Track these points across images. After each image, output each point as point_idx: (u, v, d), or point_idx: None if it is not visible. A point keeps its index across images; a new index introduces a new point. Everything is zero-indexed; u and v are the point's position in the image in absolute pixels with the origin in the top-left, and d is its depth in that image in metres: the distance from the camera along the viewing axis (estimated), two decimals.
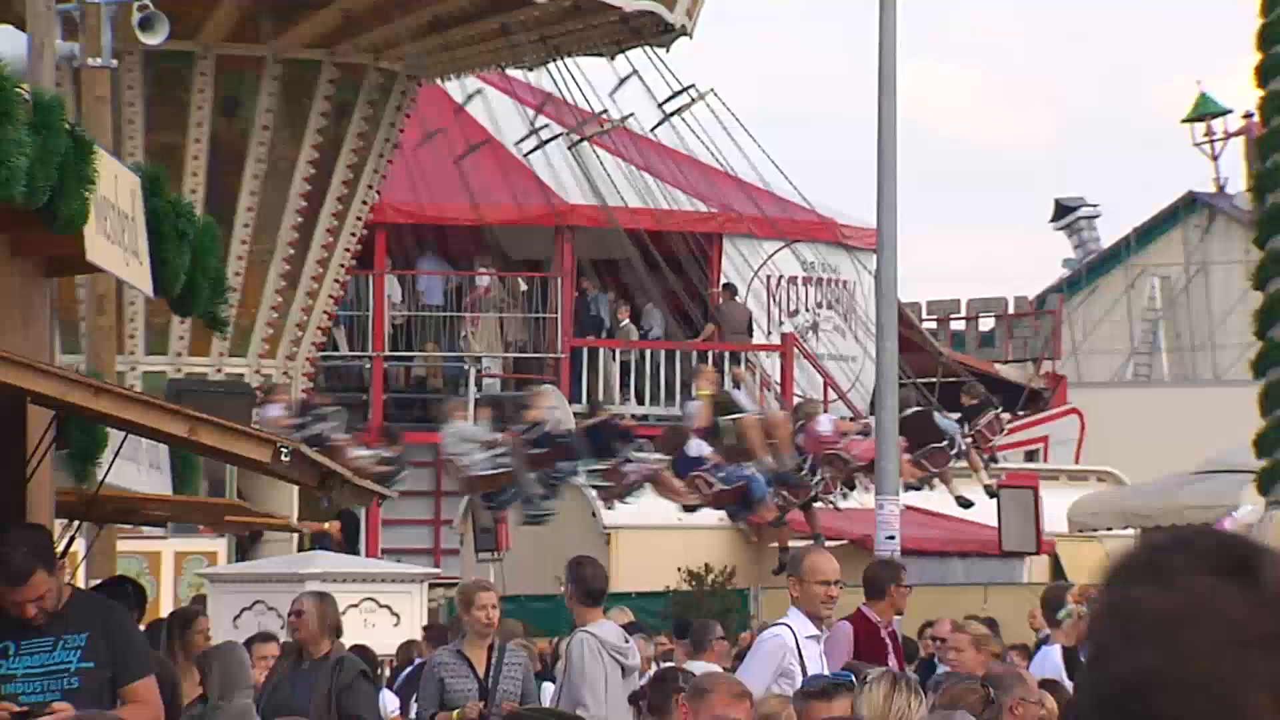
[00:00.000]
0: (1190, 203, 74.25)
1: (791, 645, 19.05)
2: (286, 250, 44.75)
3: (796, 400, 53.65)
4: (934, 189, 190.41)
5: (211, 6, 40.83)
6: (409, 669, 29.90)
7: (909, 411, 42.38)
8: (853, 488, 42.33)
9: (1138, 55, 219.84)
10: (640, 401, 53.92)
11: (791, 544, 38.46)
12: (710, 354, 55.36)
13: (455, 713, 22.38)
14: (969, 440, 45.72)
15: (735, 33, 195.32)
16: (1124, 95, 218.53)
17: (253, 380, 43.59)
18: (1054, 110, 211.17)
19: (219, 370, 43.03)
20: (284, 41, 43.78)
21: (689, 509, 43.01)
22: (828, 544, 30.24)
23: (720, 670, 21.73)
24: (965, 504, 43.90)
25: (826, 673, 16.99)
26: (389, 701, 24.77)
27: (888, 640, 22.07)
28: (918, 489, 42.20)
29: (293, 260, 44.94)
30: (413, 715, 25.10)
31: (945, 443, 44.65)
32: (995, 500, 44.79)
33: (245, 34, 43.14)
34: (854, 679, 15.06)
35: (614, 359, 56.03)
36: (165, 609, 29.54)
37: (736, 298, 57.86)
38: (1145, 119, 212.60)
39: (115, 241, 15.10)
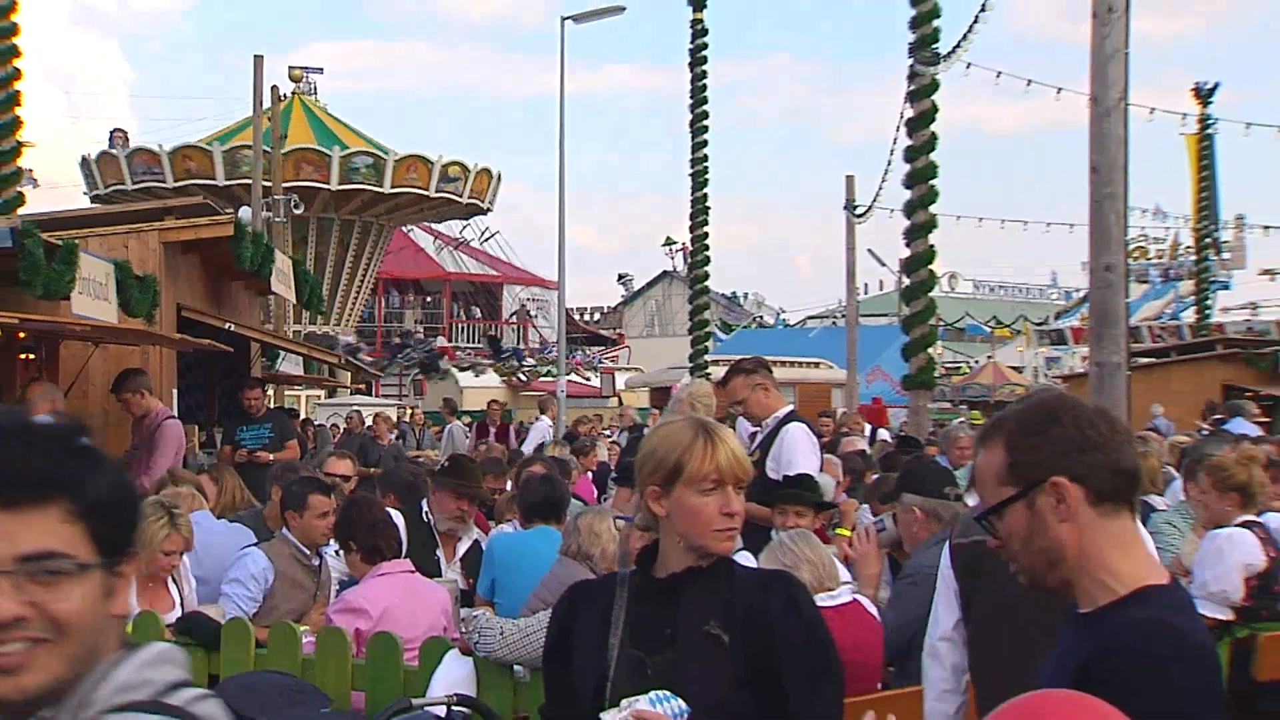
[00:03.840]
0: (665, 274, 73.98)
1: (546, 431, 19.12)
2: (343, 287, 44.19)
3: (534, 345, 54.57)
4: (584, 266, 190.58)
5: (313, 199, 40.20)
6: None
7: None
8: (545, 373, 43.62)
9: (636, 212, 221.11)
10: (469, 340, 53.36)
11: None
12: (502, 327, 55.48)
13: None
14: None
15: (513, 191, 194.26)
16: (645, 230, 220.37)
17: (333, 334, 43.10)
18: (611, 238, 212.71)
19: (320, 330, 42.13)
20: (341, 213, 43.19)
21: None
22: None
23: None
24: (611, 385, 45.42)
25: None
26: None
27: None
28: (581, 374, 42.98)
29: (345, 291, 44.46)
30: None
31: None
32: (601, 378, 45.38)
33: (325, 209, 42.50)
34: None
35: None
36: (302, 415, 29.37)
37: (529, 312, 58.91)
38: (651, 243, 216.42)
39: (282, 282, 14.84)
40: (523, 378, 45.52)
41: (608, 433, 23.36)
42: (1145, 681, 1.97)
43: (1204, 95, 36.04)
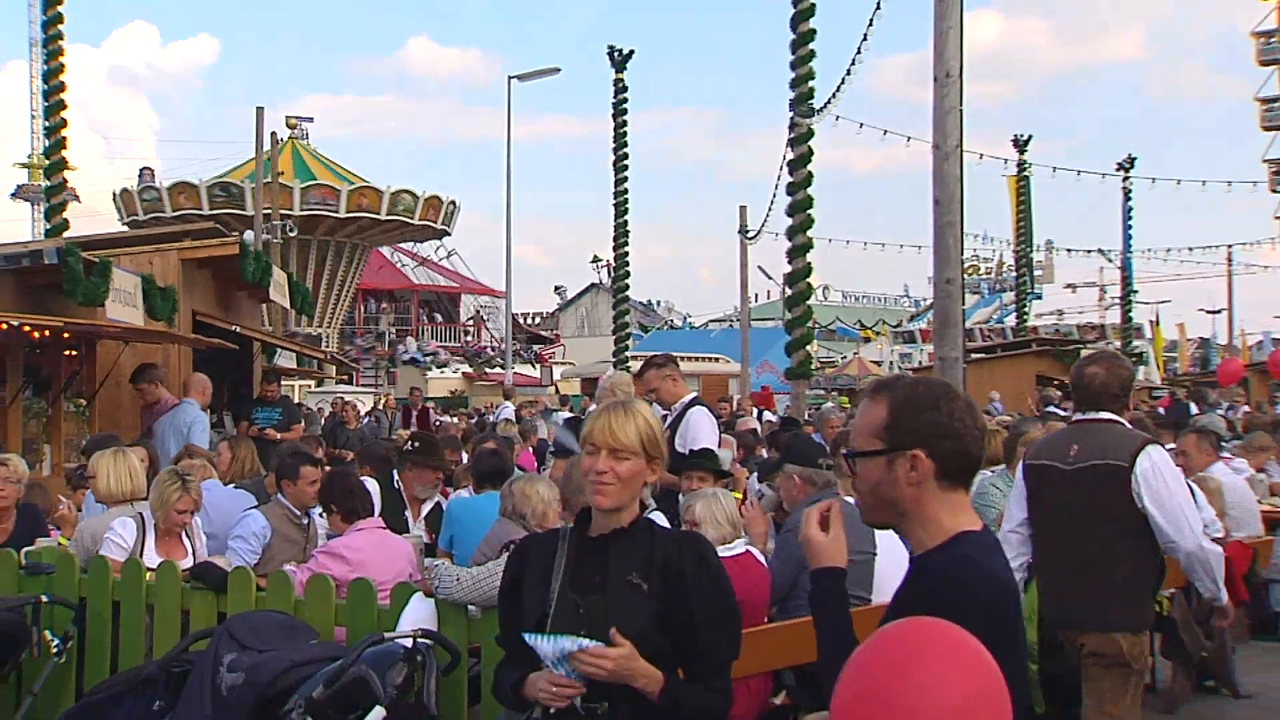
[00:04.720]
0: (593, 286, 72.47)
1: (510, 413, 18.73)
2: (333, 296, 43.54)
3: (487, 341, 53.85)
4: (527, 279, 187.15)
5: (316, 226, 39.77)
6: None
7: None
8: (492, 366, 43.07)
9: (569, 234, 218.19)
10: (437, 339, 52.77)
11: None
12: (460, 329, 54.79)
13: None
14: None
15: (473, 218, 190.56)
16: (576, 249, 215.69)
17: (320, 335, 42.34)
18: (549, 255, 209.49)
19: (310, 329, 41.40)
20: (334, 236, 42.53)
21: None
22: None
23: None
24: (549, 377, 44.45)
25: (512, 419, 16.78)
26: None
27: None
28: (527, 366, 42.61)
29: (334, 299, 43.81)
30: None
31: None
32: (540, 369, 45.00)
33: (321, 232, 41.85)
34: (520, 426, 14.90)
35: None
36: (297, 399, 28.45)
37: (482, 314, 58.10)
38: (582, 259, 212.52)
39: (278, 292, 14.61)
40: (486, 369, 45.28)
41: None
42: (950, 600, 1.99)
43: (1021, 145, 36.71)
